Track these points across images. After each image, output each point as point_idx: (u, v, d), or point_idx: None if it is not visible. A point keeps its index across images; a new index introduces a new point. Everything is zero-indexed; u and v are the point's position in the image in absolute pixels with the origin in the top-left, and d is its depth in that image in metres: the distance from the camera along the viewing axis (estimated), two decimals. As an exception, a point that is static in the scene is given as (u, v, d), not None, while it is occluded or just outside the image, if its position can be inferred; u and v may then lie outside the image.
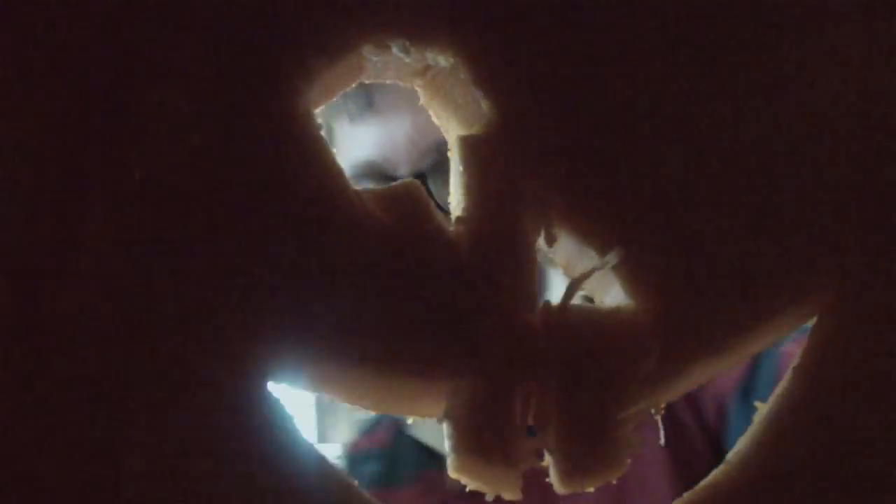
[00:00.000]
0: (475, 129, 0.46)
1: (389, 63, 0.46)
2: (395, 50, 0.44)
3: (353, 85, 0.47)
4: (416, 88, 0.49)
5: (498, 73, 0.46)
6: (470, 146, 0.45)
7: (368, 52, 0.44)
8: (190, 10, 0.42)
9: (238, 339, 0.38)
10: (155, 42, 0.42)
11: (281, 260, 0.40)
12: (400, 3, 0.45)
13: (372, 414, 1.27)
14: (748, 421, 0.44)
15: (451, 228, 0.43)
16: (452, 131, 0.49)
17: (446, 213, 0.45)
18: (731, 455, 0.42)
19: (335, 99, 0.47)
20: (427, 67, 0.47)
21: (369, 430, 1.35)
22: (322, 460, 0.38)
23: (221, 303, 0.39)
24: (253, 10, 0.43)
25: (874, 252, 0.44)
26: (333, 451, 1.55)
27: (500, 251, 0.43)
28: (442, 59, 0.48)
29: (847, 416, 0.42)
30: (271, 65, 0.42)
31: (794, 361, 0.44)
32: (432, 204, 0.43)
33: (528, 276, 0.43)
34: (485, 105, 0.45)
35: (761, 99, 0.47)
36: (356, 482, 0.39)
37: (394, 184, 0.44)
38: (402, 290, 0.41)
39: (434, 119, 0.50)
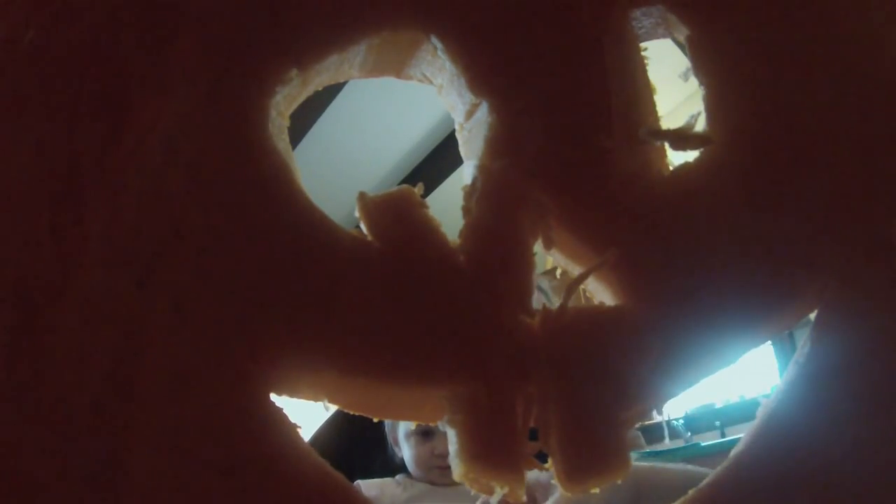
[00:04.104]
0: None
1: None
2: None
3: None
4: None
5: (496, 75, 0.46)
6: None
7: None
8: (178, 29, 0.43)
9: (240, 351, 0.39)
10: (147, 60, 0.42)
11: (280, 270, 0.40)
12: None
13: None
14: None
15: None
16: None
17: None
18: (733, 453, 0.42)
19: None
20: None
21: None
22: (322, 466, 0.38)
23: (222, 315, 0.39)
24: (234, 29, 0.44)
25: (876, 242, 0.44)
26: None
27: (498, 255, 0.43)
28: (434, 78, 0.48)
29: (850, 411, 0.41)
30: (254, 76, 0.43)
31: (796, 356, 0.44)
32: (428, 209, 0.43)
33: (526, 280, 0.43)
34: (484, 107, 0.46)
35: (765, 92, 0.47)
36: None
37: (389, 190, 0.44)
38: (400, 297, 0.41)
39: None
